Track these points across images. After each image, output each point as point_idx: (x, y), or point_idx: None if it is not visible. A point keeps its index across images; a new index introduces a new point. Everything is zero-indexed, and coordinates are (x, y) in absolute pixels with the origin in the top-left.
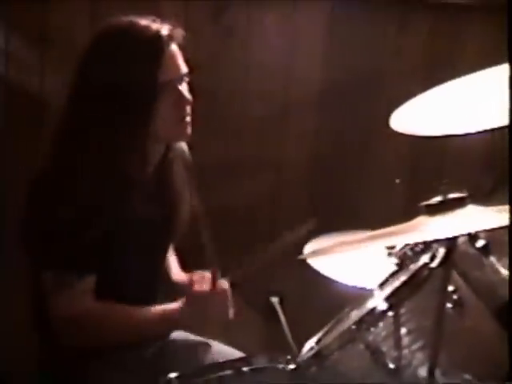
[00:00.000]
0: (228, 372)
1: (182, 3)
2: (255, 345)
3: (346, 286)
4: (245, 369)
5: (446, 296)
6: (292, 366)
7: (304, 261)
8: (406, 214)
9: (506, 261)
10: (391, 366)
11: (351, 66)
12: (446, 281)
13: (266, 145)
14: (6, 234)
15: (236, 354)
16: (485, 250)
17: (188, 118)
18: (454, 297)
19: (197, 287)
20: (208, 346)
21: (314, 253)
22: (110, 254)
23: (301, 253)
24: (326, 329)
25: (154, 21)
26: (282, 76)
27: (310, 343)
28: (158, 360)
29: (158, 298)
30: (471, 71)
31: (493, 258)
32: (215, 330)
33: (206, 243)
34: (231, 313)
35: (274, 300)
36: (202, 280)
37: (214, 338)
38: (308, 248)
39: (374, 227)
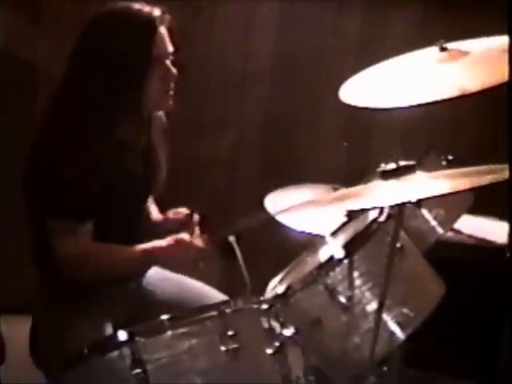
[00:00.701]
0: (213, 313)
1: None
2: (215, 278)
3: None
4: (227, 310)
5: (396, 246)
6: (265, 306)
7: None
8: (347, 170)
9: (435, 212)
10: (345, 303)
11: (298, 42)
12: (397, 234)
13: (227, 107)
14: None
15: (204, 287)
16: (418, 204)
17: (171, 91)
18: (398, 245)
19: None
20: (181, 281)
21: (285, 210)
22: (105, 203)
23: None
24: (286, 270)
25: (144, 5)
26: (241, 49)
27: (274, 282)
28: (140, 293)
29: (142, 237)
30: (400, 49)
31: (424, 210)
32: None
33: None
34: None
35: (232, 239)
36: (177, 214)
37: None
38: (268, 199)
39: (318, 181)
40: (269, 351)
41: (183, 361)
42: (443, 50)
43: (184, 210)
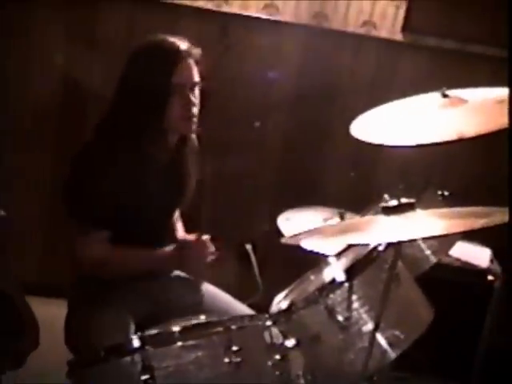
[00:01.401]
0: (219, 329)
1: (196, 26)
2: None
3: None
4: (233, 326)
5: (393, 274)
6: (269, 323)
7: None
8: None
9: (429, 242)
10: (343, 323)
11: (317, 80)
12: (395, 264)
13: (251, 132)
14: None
15: (218, 292)
16: None
17: (194, 119)
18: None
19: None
20: (199, 283)
21: (293, 236)
22: (132, 213)
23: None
24: (291, 286)
25: (179, 39)
26: (267, 82)
27: (279, 297)
28: (163, 294)
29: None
30: (407, 92)
31: (419, 240)
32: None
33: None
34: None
35: (248, 247)
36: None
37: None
38: (281, 218)
39: (326, 203)
40: (269, 363)
41: (189, 371)
42: (445, 96)
43: (207, 237)
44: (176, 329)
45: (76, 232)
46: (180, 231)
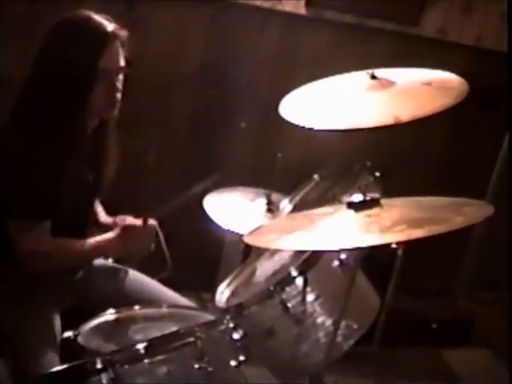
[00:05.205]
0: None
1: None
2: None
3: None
4: (201, 335)
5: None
6: (232, 325)
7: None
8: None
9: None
10: (298, 316)
11: (223, 54)
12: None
13: (155, 108)
14: None
15: (144, 278)
16: None
17: (117, 104)
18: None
19: (129, 222)
20: (125, 271)
21: (251, 232)
22: (57, 203)
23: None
24: (233, 274)
25: (106, 19)
26: (172, 57)
27: (222, 287)
28: (86, 282)
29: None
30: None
31: None
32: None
33: None
34: (152, 246)
35: (155, 223)
36: (123, 222)
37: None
38: (208, 199)
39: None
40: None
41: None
42: (374, 78)
43: (130, 218)
44: (142, 345)
45: (14, 229)
46: (102, 214)
